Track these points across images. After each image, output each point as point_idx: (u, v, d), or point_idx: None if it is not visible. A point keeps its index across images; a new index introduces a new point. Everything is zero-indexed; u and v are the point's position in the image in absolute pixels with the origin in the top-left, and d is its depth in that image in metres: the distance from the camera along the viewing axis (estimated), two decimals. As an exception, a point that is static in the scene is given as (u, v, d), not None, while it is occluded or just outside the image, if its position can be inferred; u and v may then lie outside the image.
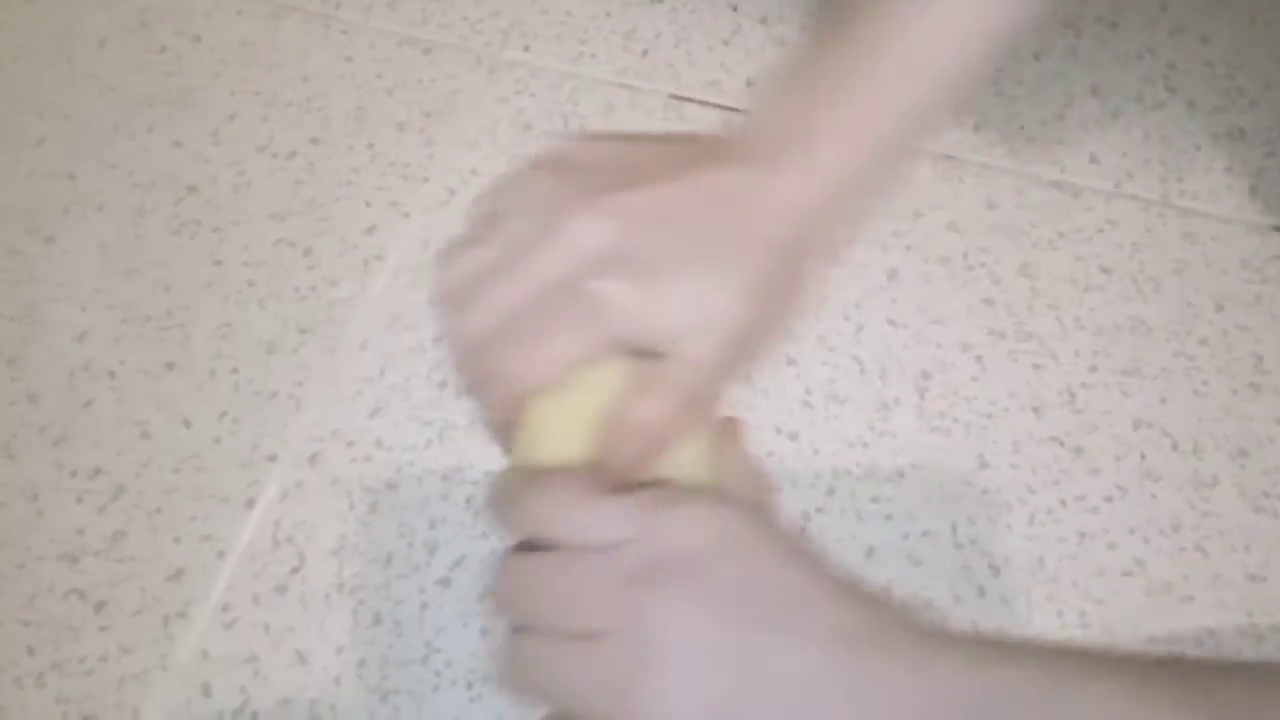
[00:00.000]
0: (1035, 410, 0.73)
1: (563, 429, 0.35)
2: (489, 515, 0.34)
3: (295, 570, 0.67)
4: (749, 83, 0.87)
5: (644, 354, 0.35)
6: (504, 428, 0.36)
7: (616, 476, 0.33)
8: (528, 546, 0.33)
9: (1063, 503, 0.70)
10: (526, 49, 0.89)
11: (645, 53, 0.89)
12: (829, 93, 0.37)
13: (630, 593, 0.31)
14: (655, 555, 0.31)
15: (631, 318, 0.33)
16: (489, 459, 0.69)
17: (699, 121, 0.85)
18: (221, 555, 0.68)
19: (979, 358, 0.75)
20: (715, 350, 0.34)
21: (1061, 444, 0.72)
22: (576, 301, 0.33)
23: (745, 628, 0.31)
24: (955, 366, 0.75)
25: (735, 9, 0.91)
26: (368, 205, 0.81)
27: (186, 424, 0.72)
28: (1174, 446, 0.72)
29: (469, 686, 0.63)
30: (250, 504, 0.69)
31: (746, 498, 0.35)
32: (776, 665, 0.30)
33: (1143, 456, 0.71)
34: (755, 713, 0.30)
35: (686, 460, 0.35)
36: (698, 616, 0.30)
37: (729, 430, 0.37)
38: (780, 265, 0.35)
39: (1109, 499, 0.70)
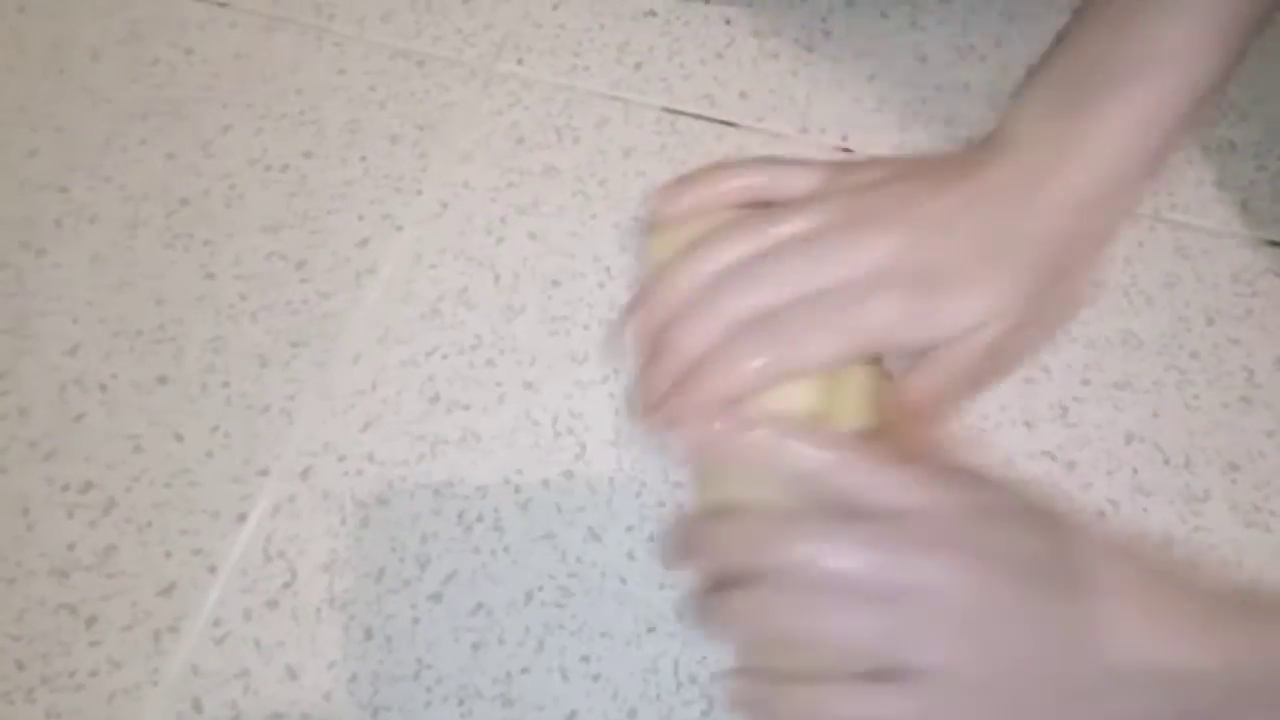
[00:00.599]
0: (1027, 424, 0.73)
1: (806, 413, 0.34)
2: (737, 454, 0.33)
3: (287, 585, 0.67)
4: (742, 96, 0.87)
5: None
6: (712, 407, 0.35)
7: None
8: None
9: (1055, 517, 0.70)
10: (520, 62, 0.89)
11: (638, 66, 0.89)
12: (1090, 86, 0.37)
13: (922, 556, 0.31)
14: (941, 524, 0.32)
15: (903, 328, 0.34)
16: (481, 474, 0.70)
17: (692, 135, 0.85)
18: (213, 570, 0.67)
19: (971, 371, 0.75)
20: (973, 354, 0.35)
21: (1054, 458, 0.72)
22: (840, 312, 0.33)
23: (1029, 595, 0.31)
24: (947, 380, 0.75)
25: (729, 23, 0.91)
26: (360, 218, 0.81)
27: (178, 438, 0.72)
28: (1166, 461, 0.72)
29: (460, 702, 0.63)
30: (242, 518, 0.69)
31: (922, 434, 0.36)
32: (1061, 636, 0.31)
33: (1135, 471, 0.71)
34: (1041, 677, 0.31)
35: (852, 404, 0.35)
36: (985, 582, 0.31)
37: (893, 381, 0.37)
38: (1052, 261, 0.35)
39: (1101, 513, 0.70)
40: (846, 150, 0.84)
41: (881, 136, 0.84)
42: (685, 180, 0.38)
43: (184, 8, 0.92)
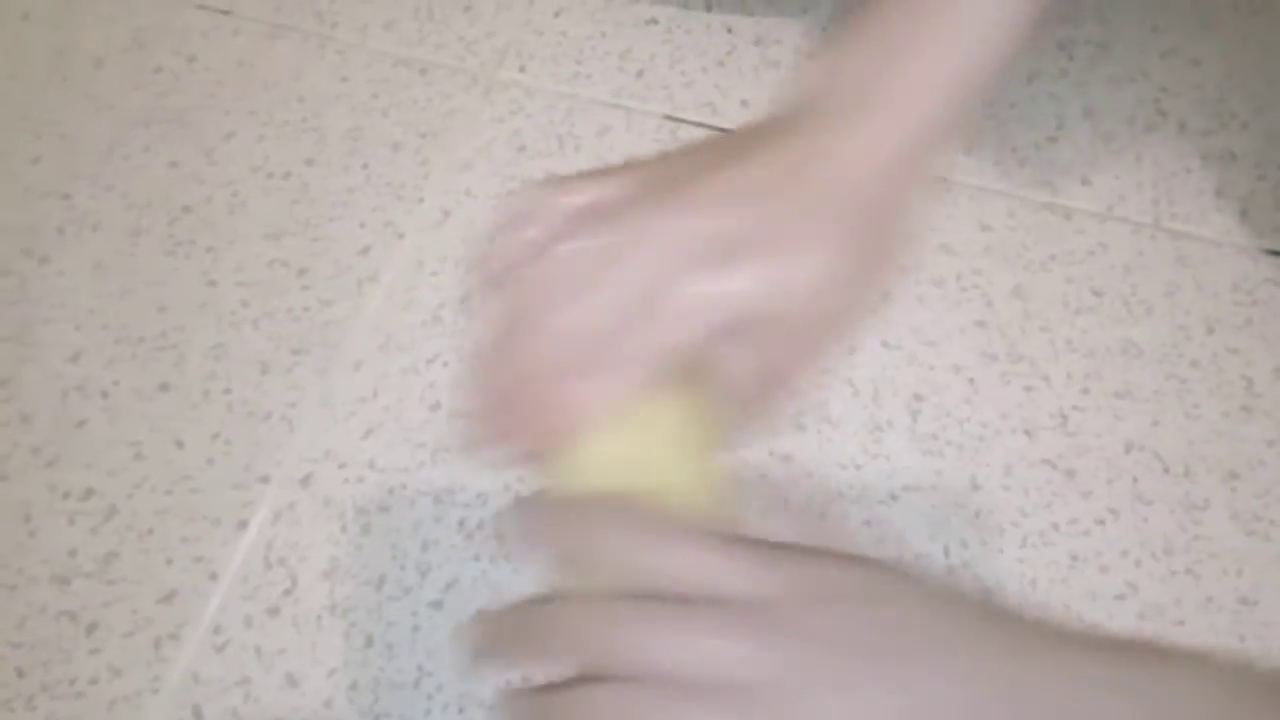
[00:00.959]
0: (1027, 433, 0.73)
1: (628, 458, 0.33)
2: (525, 541, 0.32)
3: (287, 592, 0.67)
4: (744, 104, 0.87)
5: (689, 380, 0.34)
6: (535, 455, 0.34)
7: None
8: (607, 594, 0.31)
9: (1055, 526, 0.70)
10: (522, 69, 0.89)
11: (640, 74, 0.89)
12: (892, 48, 0.37)
13: (759, 646, 0.29)
14: (776, 610, 0.30)
15: (741, 304, 0.33)
16: (482, 481, 0.70)
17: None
18: (214, 577, 0.68)
19: (971, 380, 0.75)
20: (812, 316, 0.34)
21: (1054, 467, 0.72)
22: (670, 300, 0.32)
23: (916, 657, 0.30)
24: (948, 389, 0.75)
25: (730, 30, 0.91)
26: (362, 226, 0.81)
27: (179, 445, 0.72)
28: (1165, 469, 0.72)
29: (460, 710, 0.63)
30: (243, 525, 0.69)
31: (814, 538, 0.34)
32: (947, 689, 0.29)
33: (1134, 479, 0.71)
34: None
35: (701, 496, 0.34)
36: (837, 669, 0.29)
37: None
38: (867, 220, 0.35)
39: (1101, 522, 0.70)
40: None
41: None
42: (511, 225, 0.37)
43: (187, 15, 0.92)
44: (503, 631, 0.32)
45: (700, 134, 0.86)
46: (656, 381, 0.33)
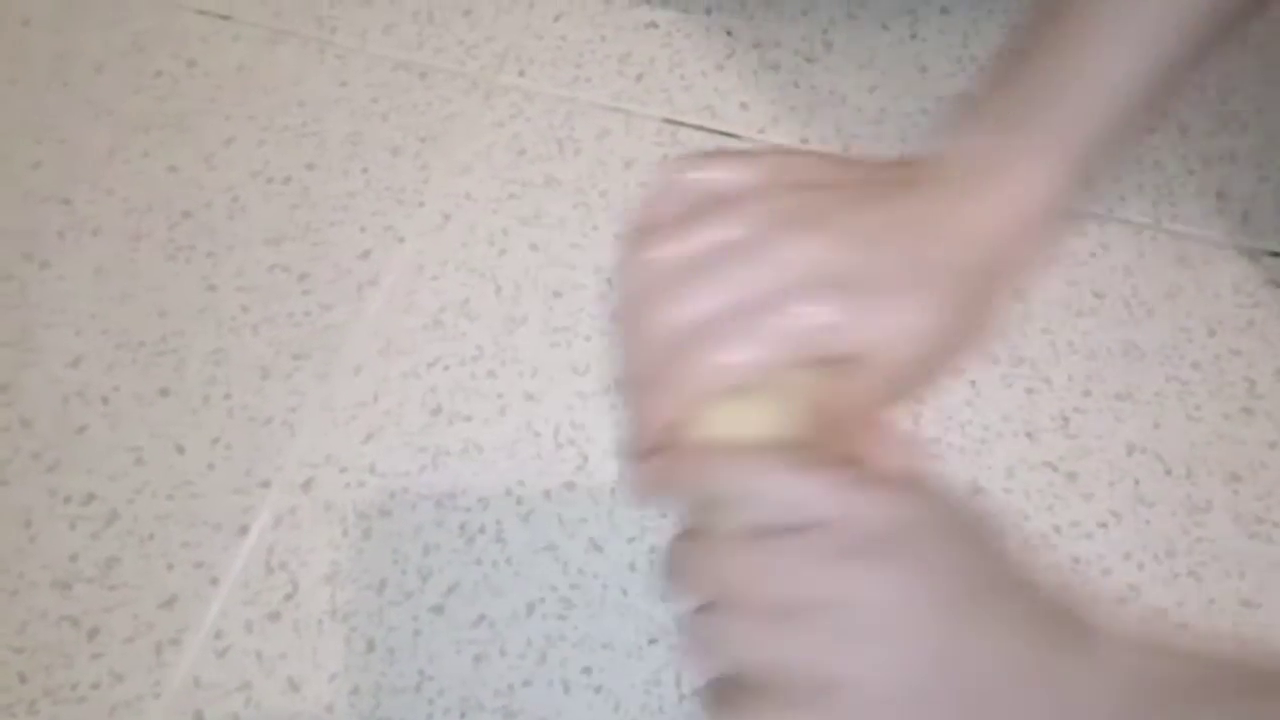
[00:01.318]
0: (1029, 435, 0.73)
1: (742, 431, 0.35)
2: (658, 486, 0.34)
3: (288, 597, 0.67)
4: (743, 107, 0.88)
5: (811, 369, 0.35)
6: (662, 430, 0.35)
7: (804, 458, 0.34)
8: (701, 523, 0.33)
9: (1056, 528, 0.70)
10: (521, 73, 0.89)
11: (640, 77, 0.89)
12: (1018, 117, 0.37)
13: (837, 568, 0.31)
14: (861, 532, 0.32)
15: (830, 337, 0.34)
16: (483, 485, 0.70)
17: (693, 146, 0.85)
18: (214, 582, 0.67)
19: (972, 382, 0.75)
20: (905, 365, 0.35)
21: (1055, 469, 0.72)
22: (778, 315, 0.34)
23: (949, 606, 0.32)
24: (949, 391, 0.75)
25: (729, 34, 0.91)
26: (362, 230, 0.81)
27: (180, 450, 0.72)
28: (1167, 471, 0.72)
29: (462, 715, 0.63)
30: (244, 530, 0.69)
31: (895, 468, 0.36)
32: (976, 644, 0.32)
33: (1136, 482, 0.71)
34: (952, 688, 0.31)
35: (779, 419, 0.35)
36: (905, 591, 0.31)
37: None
38: (967, 290, 0.36)
39: (1103, 524, 0.70)
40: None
41: (882, 147, 0.84)
42: (654, 201, 0.38)
43: (187, 20, 0.92)
44: (669, 567, 0.35)
45: (700, 137, 0.86)
46: (755, 373, 0.35)
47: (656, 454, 0.35)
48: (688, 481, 0.34)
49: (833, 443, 0.35)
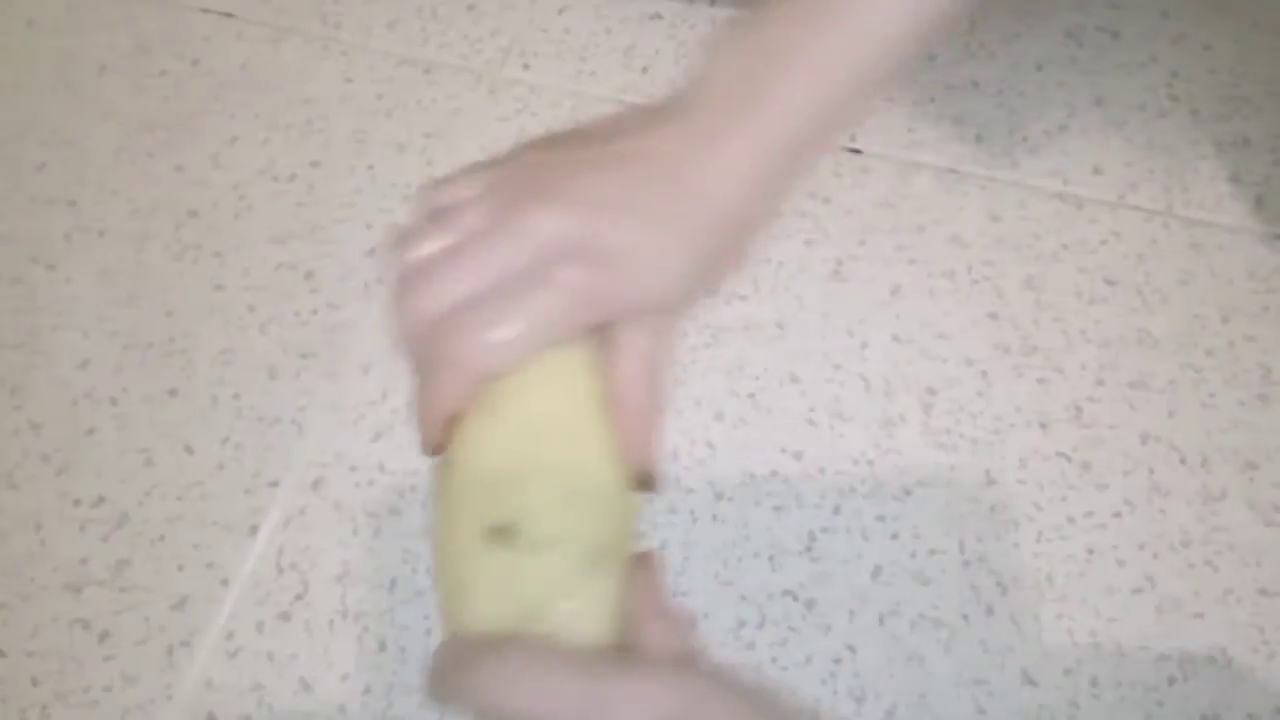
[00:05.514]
0: (1042, 425, 0.72)
1: (538, 391, 0.34)
2: (434, 695, 0.32)
3: (299, 597, 0.67)
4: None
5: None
6: (444, 419, 0.35)
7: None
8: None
9: (1071, 519, 0.69)
10: (526, 67, 0.89)
11: (645, 69, 0.88)
12: (772, 59, 0.37)
13: None
14: None
15: (590, 303, 0.34)
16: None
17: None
18: (225, 583, 0.67)
19: (984, 373, 0.74)
20: (666, 318, 0.35)
21: (1069, 459, 0.71)
22: (541, 287, 0.33)
23: None
24: (961, 382, 0.74)
25: (735, 24, 0.91)
26: (369, 227, 0.80)
27: (189, 451, 0.72)
28: (1182, 460, 0.71)
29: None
30: (253, 531, 0.69)
31: (670, 647, 0.34)
32: None
33: (1151, 471, 0.71)
34: None
35: (594, 612, 0.34)
36: None
37: (646, 565, 0.36)
38: (724, 232, 0.36)
39: (1117, 514, 0.69)
40: (855, 151, 0.84)
41: (890, 136, 0.84)
42: (413, 216, 0.39)
43: (190, 20, 0.92)
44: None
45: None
46: (543, 345, 0.34)
47: (441, 457, 0.35)
48: (463, 686, 0.33)
49: (615, 428, 0.35)
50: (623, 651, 0.33)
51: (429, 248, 0.35)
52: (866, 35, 0.37)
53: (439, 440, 0.35)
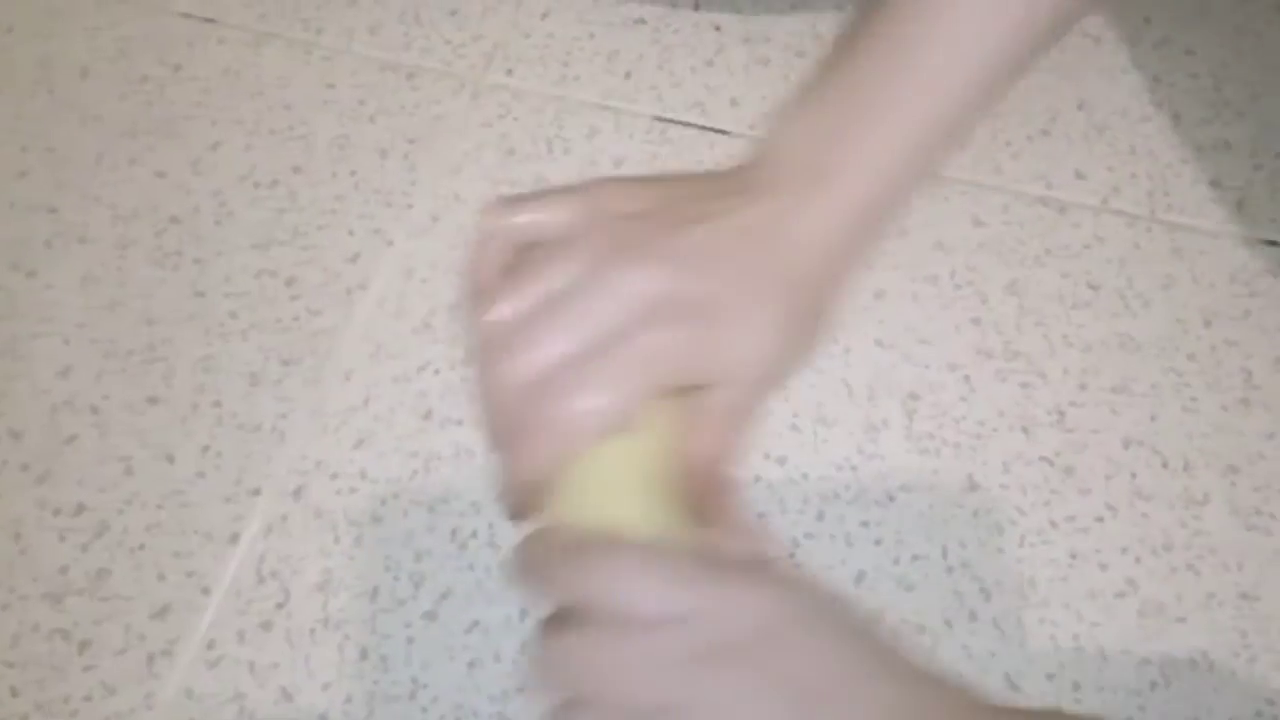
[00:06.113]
0: (1024, 430, 0.72)
1: (616, 478, 0.34)
2: (520, 577, 0.33)
3: (280, 606, 0.66)
4: (734, 103, 0.87)
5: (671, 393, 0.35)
6: (534, 485, 0.35)
7: (673, 541, 0.33)
8: (565, 613, 0.32)
9: (1053, 523, 0.69)
10: (509, 72, 0.89)
11: (628, 75, 0.88)
12: (844, 120, 0.37)
13: (691, 670, 0.30)
14: (715, 632, 0.31)
15: (683, 365, 0.34)
16: (475, 490, 0.69)
17: (684, 143, 0.84)
18: (206, 592, 0.67)
19: (967, 377, 0.74)
20: (756, 384, 0.35)
21: (1051, 464, 0.71)
22: (627, 350, 0.33)
23: (804, 708, 0.30)
24: (944, 387, 0.74)
25: (719, 29, 0.91)
26: (351, 233, 0.80)
27: (169, 459, 0.71)
28: (1164, 465, 0.71)
29: (456, 722, 0.63)
30: (234, 539, 0.69)
31: (749, 553, 0.34)
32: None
33: (1133, 475, 0.71)
34: None
35: (660, 517, 0.34)
36: (758, 696, 0.30)
37: (725, 484, 0.36)
38: (803, 299, 0.36)
39: (1100, 519, 0.69)
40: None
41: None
42: (479, 255, 0.38)
43: (172, 24, 0.92)
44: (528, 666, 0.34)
45: (690, 134, 0.85)
46: (618, 414, 0.34)
47: (530, 523, 0.34)
48: (555, 575, 0.33)
49: (692, 493, 0.35)
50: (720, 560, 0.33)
51: (514, 308, 0.34)
52: (932, 89, 0.37)
53: (525, 507, 0.35)
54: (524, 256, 0.36)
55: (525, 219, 0.37)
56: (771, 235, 0.35)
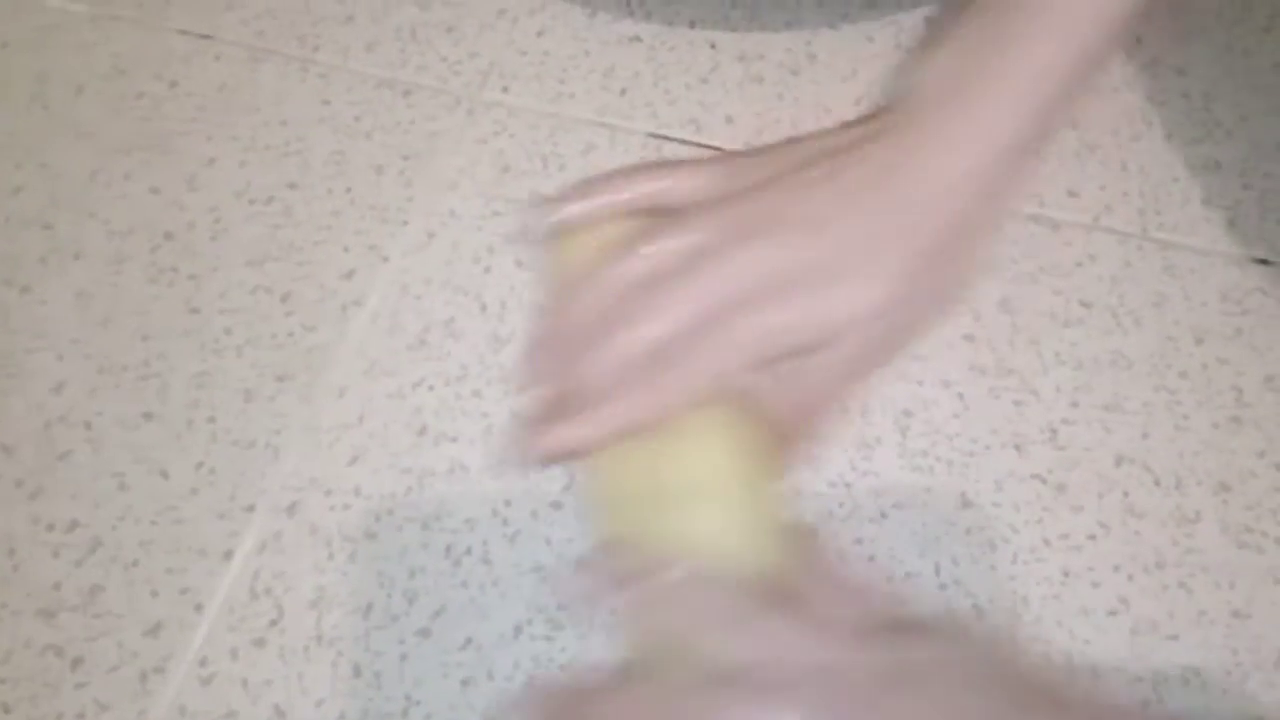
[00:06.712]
0: (1017, 447, 0.73)
1: (714, 441, 0.34)
2: (588, 601, 0.31)
3: (274, 622, 0.66)
4: (728, 120, 0.87)
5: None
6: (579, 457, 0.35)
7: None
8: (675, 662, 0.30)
9: (1046, 541, 0.69)
10: (505, 89, 0.89)
11: (624, 91, 0.89)
12: (989, 54, 0.37)
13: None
14: (865, 688, 0.29)
15: (789, 340, 0.34)
16: (469, 506, 0.69)
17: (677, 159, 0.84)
18: (199, 608, 0.67)
19: (960, 395, 0.75)
20: (868, 342, 0.35)
21: (1044, 481, 0.71)
22: (742, 324, 0.33)
23: None
24: (937, 404, 0.74)
25: (714, 47, 0.91)
26: (346, 250, 0.80)
27: (164, 475, 0.71)
28: (1156, 482, 0.71)
29: (449, 740, 0.63)
30: (228, 555, 0.68)
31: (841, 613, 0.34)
32: None
33: (1125, 493, 0.71)
34: None
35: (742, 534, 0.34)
36: None
37: (807, 534, 0.36)
38: (934, 242, 0.35)
39: (1092, 537, 0.70)
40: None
41: (867, 160, 0.84)
42: (581, 189, 0.38)
43: (168, 40, 0.92)
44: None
45: (685, 151, 0.85)
46: (705, 402, 0.34)
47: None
48: (641, 608, 0.31)
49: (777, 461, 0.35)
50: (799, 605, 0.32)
51: (628, 277, 0.34)
52: (1082, 19, 0.37)
53: (558, 459, 0.35)
54: (652, 222, 0.36)
55: (657, 185, 0.37)
56: (905, 174, 0.35)
